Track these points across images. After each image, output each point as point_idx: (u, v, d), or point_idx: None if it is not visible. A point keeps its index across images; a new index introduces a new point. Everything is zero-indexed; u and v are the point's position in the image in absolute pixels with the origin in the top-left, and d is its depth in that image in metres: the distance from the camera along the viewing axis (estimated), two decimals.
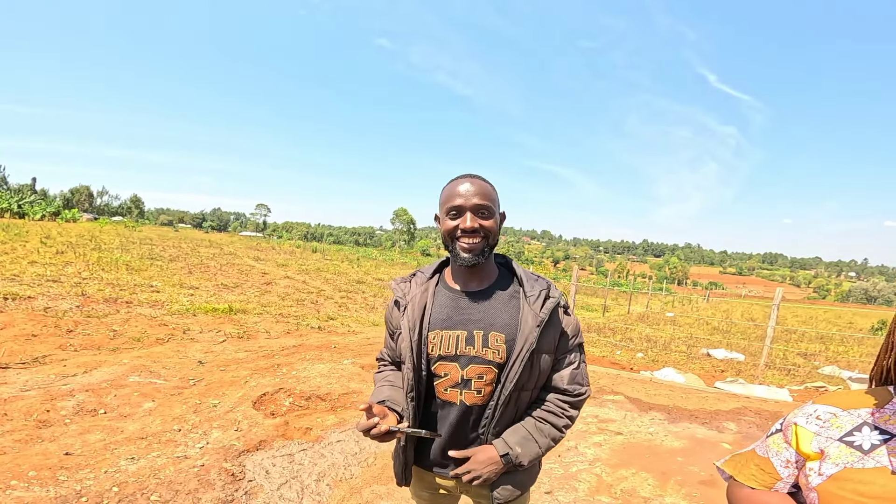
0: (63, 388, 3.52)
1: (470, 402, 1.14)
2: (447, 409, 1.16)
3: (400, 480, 1.25)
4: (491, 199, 1.11)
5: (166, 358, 4.63)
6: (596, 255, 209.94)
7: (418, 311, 1.16)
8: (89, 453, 2.61)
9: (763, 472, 0.89)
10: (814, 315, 26.31)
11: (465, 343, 1.12)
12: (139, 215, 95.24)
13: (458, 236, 1.10)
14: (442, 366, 1.14)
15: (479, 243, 1.10)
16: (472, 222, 1.09)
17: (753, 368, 7.32)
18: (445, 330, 1.14)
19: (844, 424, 0.81)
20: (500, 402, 1.12)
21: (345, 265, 23.61)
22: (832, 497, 0.76)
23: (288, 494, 2.44)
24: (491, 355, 1.11)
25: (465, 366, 1.12)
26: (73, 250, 13.97)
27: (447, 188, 1.15)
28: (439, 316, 1.16)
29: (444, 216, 1.13)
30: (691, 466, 3.23)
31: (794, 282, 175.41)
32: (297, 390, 3.98)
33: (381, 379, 1.29)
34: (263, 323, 7.10)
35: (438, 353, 1.13)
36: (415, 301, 1.17)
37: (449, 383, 1.14)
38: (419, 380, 1.15)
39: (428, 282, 1.22)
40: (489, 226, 1.10)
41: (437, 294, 1.19)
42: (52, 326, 5.35)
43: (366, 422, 1.04)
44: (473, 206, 1.09)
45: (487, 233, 1.10)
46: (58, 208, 44.52)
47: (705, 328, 13.07)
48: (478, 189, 1.10)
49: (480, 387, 1.13)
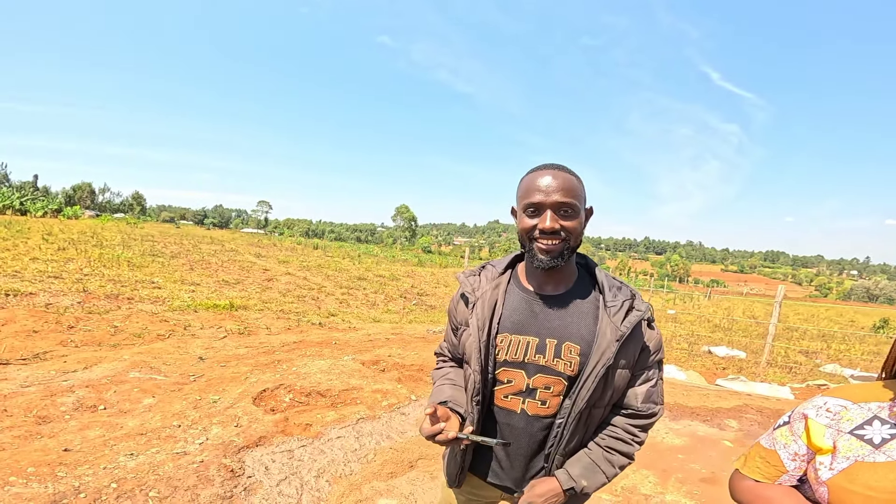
0: (63, 384, 3.52)
1: (532, 413, 1.05)
2: (508, 416, 1.08)
3: (452, 482, 1.17)
4: (576, 196, 1.00)
5: (167, 354, 4.63)
6: (597, 252, 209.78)
7: (488, 310, 1.06)
8: (88, 449, 2.60)
9: (768, 464, 0.88)
10: (815, 313, 26.24)
11: (536, 351, 1.03)
12: (141, 212, 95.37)
13: (535, 236, 1.00)
14: (506, 372, 1.06)
15: (559, 245, 0.99)
16: (553, 222, 0.97)
17: (755, 366, 7.30)
18: (515, 334, 1.05)
19: (855, 418, 0.80)
20: (571, 420, 1.03)
21: (346, 262, 23.62)
22: (843, 492, 0.75)
23: (287, 490, 2.43)
24: (562, 367, 1.02)
25: (532, 374, 1.04)
26: (74, 247, 13.98)
27: (526, 180, 1.03)
28: (510, 318, 1.06)
29: (522, 212, 1.03)
30: (692, 464, 3.22)
31: (795, 280, 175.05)
32: (297, 386, 3.97)
33: (440, 377, 1.20)
34: (264, 319, 7.10)
35: (504, 358, 1.05)
36: (485, 298, 1.08)
37: (511, 390, 1.06)
38: (486, 383, 1.07)
39: (500, 278, 1.11)
40: (571, 227, 0.99)
41: (508, 293, 1.09)
42: (53, 323, 5.35)
43: (430, 427, 0.96)
44: (554, 203, 0.97)
45: (569, 234, 0.99)
46: (60, 205, 44.58)
47: (707, 326, 13.05)
48: (561, 183, 0.98)
49: (546, 398, 1.04)
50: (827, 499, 0.77)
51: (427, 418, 0.97)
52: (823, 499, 0.78)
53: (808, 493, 0.83)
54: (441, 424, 0.97)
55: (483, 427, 1.11)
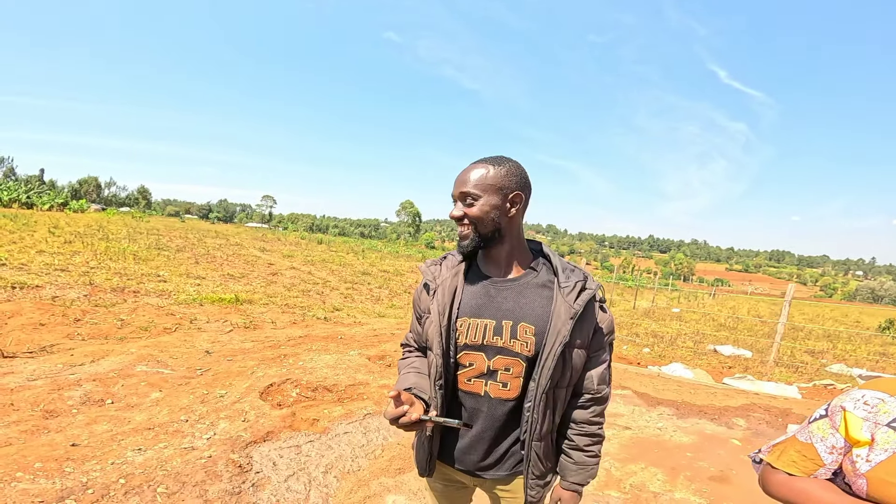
0: (70, 378, 3.52)
1: (494, 395, 1.10)
2: (472, 400, 1.12)
3: (423, 471, 1.22)
4: (480, 185, 1.05)
5: (173, 347, 4.63)
6: (601, 249, 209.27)
7: (448, 296, 1.11)
8: (96, 444, 2.60)
9: (805, 458, 0.88)
10: (821, 313, 26.09)
11: (493, 333, 1.07)
12: (146, 206, 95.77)
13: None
14: (467, 355, 1.10)
15: (468, 230, 1.08)
16: (457, 211, 1.08)
17: (761, 365, 7.25)
18: (474, 318, 1.09)
19: (892, 410, 0.80)
20: (538, 402, 1.07)
21: (350, 257, 23.63)
22: (882, 483, 0.75)
23: (295, 486, 2.42)
24: (519, 347, 1.06)
25: (492, 356, 1.08)
26: (80, 240, 14.03)
27: None
28: (469, 303, 1.11)
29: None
30: (700, 462, 3.19)
31: (800, 280, 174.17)
32: (303, 381, 3.96)
33: (406, 365, 1.24)
34: (269, 313, 7.10)
35: (465, 342, 1.09)
36: (445, 285, 1.13)
37: (473, 373, 1.10)
38: (447, 367, 1.11)
39: (459, 266, 1.16)
40: (472, 213, 1.06)
41: (468, 279, 1.15)
42: (59, 315, 5.37)
43: (394, 410, 0.98)
44: (458, 194, 1.07)
45: (473, 220, 1.07)
46: (66, 199, 44.85)
47: (711, 324, 12.98)
48: (467, 175, 1.07)
49: (507, 379, 1.08)
50: (865, 490, 0.77)
51: (391, 402, 1.00)
52: (862, 490, 0.78)
53: (843, 486, 0.84)
54: (404, 407, 0.99)
55: (449, 412, 1.14)
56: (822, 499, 0.83)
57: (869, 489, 0.77)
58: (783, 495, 0.89)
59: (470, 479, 1.20)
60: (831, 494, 0.83)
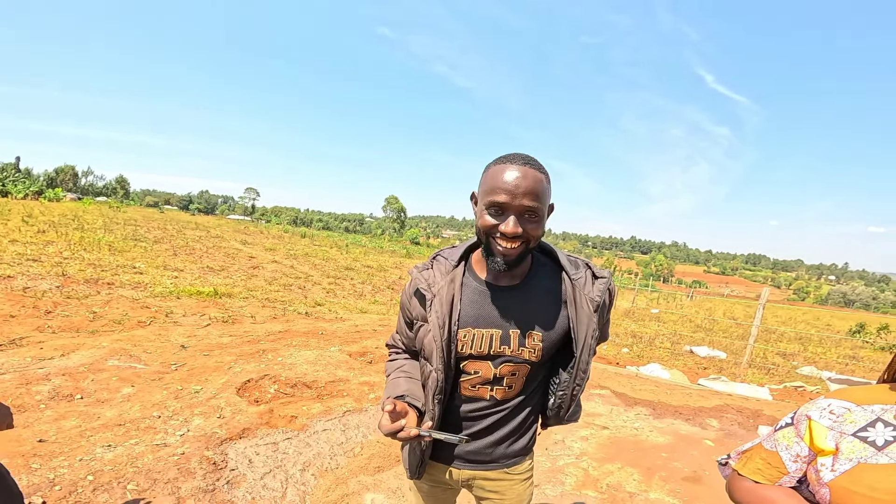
0: (39, 372, 3.41)
1: (501, 397, 1.09)
2: (475, 403, 1.10)
3: (413, 474, 1.19)
4: (543, 198, 0.93)
5: (147, 342, 4.52)
6: (584, 249, 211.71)
7: (446, 307, 1.03)
8: (64, 440, 2.52)
9: (770, 465, 0.88)
10: (793, 316, 26.90)
11: (500, 342, 1.03)
12: (124, 196, 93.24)
13: (496, 236, 0.94)
14: (472, 364, 1.06)
15: (519, 248, 0.94)
16: (516, 227, 0.91)
17: (735, 367, 7.44)
18: (478, 328, 1.03)
19: (858, 420, 0.80)
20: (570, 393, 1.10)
21: (333, 251, 23.41)
22: (845, 493, 0.75)
23: (272, 484, 2.39)
24: (527, 354, 1.04)
25: (499, 365, 1.05)
26: (55, 230, 13.58)
27: (492, 171, 0.95)
28: (470, 312, 1.04)
29: (484, 207, 0.95)
30: (675, 462, 3.25)
31: (775, 283, 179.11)
32: (282, 377, 3.91)
33: (395, 368, 1.18)
34: (249, 307, 6.99)
35: (469, 353, 1.04)
36: (442, 294, 1.04)
37: (479, 381, 1.07)
38: (448, 379, 1.05)
39: (454, 271, 1.07)
40: (533, 231, 0.93)
41: (465, 286, 1.06)
42: (30, 307, 5.19)
43: (391, 424, 0.93)
44: (520, 207, 0.91)
45: (530, 238, 0.94)
46: (41, 187, 43.40)
47: (689, 326, 13.28)
48: (530, 185, 0.90)
49: (512, 382, 1.08)
50: (828, 500, 0.77)
51: (386, 415, 0.94)
52: (825, 500, 0.78)
53: (807, 495, 0.84)
54: (402, 421, 0.95)
55: (446, 417, 1.10)
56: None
57: (832, 499, 0.77)
58: (748, 502, 0.89)
59: (459, 475, 1.19)
60: (794, 501, 0.82)
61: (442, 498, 1.29)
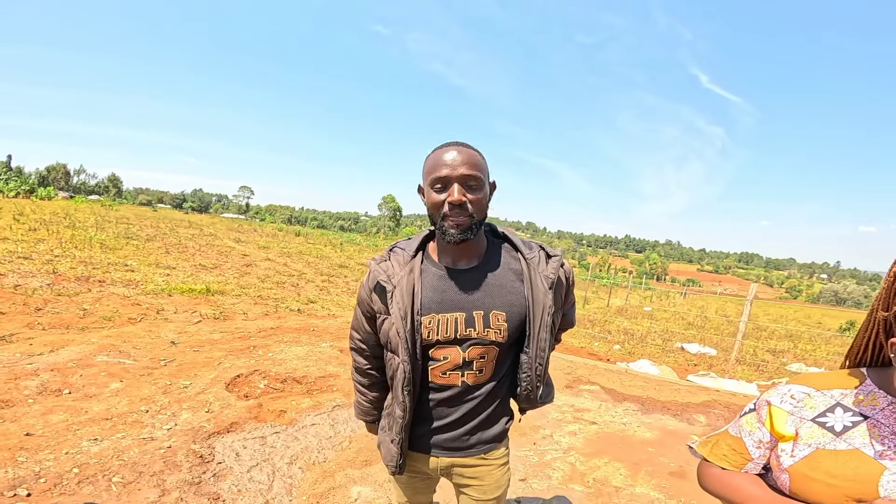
0: (27, 368, 3.40)
1: (472, 382, 1.10)
2: (445, 391, 1.11)
3: (394, 471, 1.18)
4: (480, 169, 1.00)
5: (137, 338, 4.51)
6: (579, 248, 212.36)
7: (408, 297, 1.04)
8: (51, 434, 2.52)
9: (735, 452, 0.88)
10: (784, 314, 27.13)
11: (466, 325, 1.05)
12: (117, 194, 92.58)
13: (446, 212, 1.00)
14: (440, 349, 1.07)
15: (467, 220, 0.99)
16: (460, 195, 0.98)
17: (725, 363, 7.51)
18: (442, 313, 1.05)
19: (818, 405, 0.80)
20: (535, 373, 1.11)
21: (328, 249, 23.35)
22: (803, 478, 0.75)
23: (258, 477, 2.40)
24: (493, 335, 1.06)
25: (467, 348, 1.06)
26: (46, 227, 13.47)
27: (431, 157, 1.03)
28: (432, 298, 1.06)
29: (429, 188, 1.02)
30: (662, 457, 3.28)
31: (767, 281, 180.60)
32: (272, 372, 3.92)
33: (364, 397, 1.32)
34: (241, 304, 6.97)
35: (436, 339, 1.06)
36: (402, 285, 1.05)
37: (448, 367, 1.08)
38: (416, 369, 1.07)
39: (412, 261, 1.09)
40: (477, 199, 1.00)
41: (424, 273, 1.09)
42: (20, 304, 5.16)
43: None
44: (460, 176, 0.98)
45: (475, 207, 1.00)
46: (33, 186, 43.02)
47: (681, 323, 13.38)
48: (466, 157, 0.99)
49: (482, 366, 1.09)
50: (788, 486, 0.77)
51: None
52: (785, 486, 0.78)
53: (772, 482, 0.84)
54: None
55: (418, 404, 1.12)
56: (749, 494, 0.83)
57: (791, 485, 0.77)
58: (715, 489, 0.89)
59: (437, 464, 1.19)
60: (758, 489, 0.82)
61: (420, 487, 1.30)
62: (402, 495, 1.32)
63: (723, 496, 0.87)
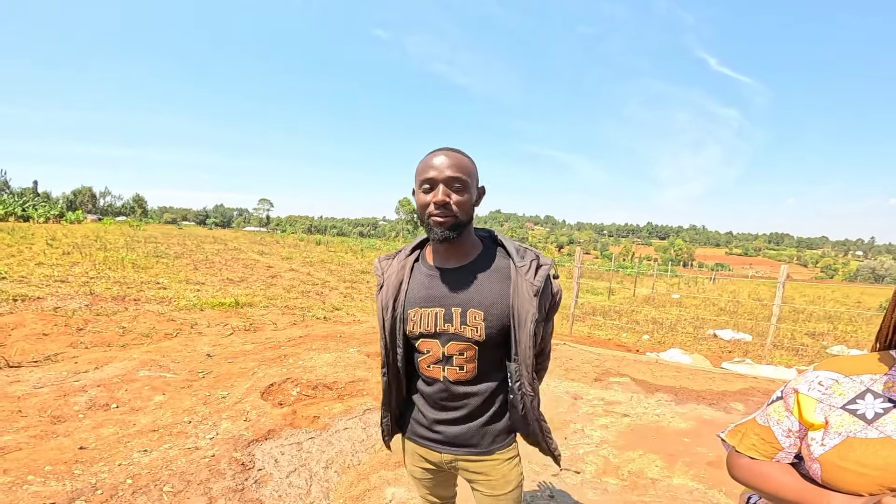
0: (75, 385, 3.58)
1: (453, 378, 1.15)
2: (434, 385, 1.19)
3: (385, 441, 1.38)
4: (466, 172, 1.06)
5: (175, 352, 4.68)
6: (600, 238, 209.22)
7: (392, 290, 1.18)
8: (103, 447, 2.65)
9: (764, 441, 0.86)
10: (822, 294, 26.12)
11: (444, 320, 1.12)
12: (143, 214, 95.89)
13: (431, 212, 1.06)
14: (424, 342, 1.16)
15: (450, 219, 1.05)
16: (444, 195, 1.04)
17: (761, 349, 7.29)
18: (424, 307, 1.14)
19: (847, 392, 0.78)
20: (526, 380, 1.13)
21: (349, 256, 23.67)
22: (834, 468, 0.73)
23: (297, 482, 2.48)
24: (469, 332, 1.10)
25: (446, 343, 1.13)
26: (79, 251, 14.07)
27: (422, 161, 1.10)
28: (418, 293, 1.16)
29: (419, 190, 1.09)
30: (699, 447, 3.22)
31: (800, 261, 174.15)
32: (303, 380, 4.02)
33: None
34: (270, 315, 7.15)
35: (419, 331, 1.14)
36: (390, 279, 1.19)
37: (431, 360, 1.16)
38: (390, 357, 1.21)
39: (406, 259, 1.22)
40: (460, 201, 1.05)
41: (414, 271, 1.20)
42: (62, 325, 5.42)
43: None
44: (446, 178, 1.04)
45: (459, 208, 1.06)
46: (61, 210, 44.97)
47: (712, 309, 13.04)
48: (452, 161, 1.05)
49: (462, 363, 1.14)
50: (820, 475, 0.75)
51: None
52: (817, 475, 0.76)
53: (804, 471, 0.82)
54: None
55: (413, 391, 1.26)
56: (780, 483, 0.81)
57: (823, 474, 0.75)
58: (746, 479, 0.88)
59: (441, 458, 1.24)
60: (790, 479, 0.81)
61: (439, 481, 1.34)
62: (423, 489, 1.36)
63: (754, 486, 0.86)
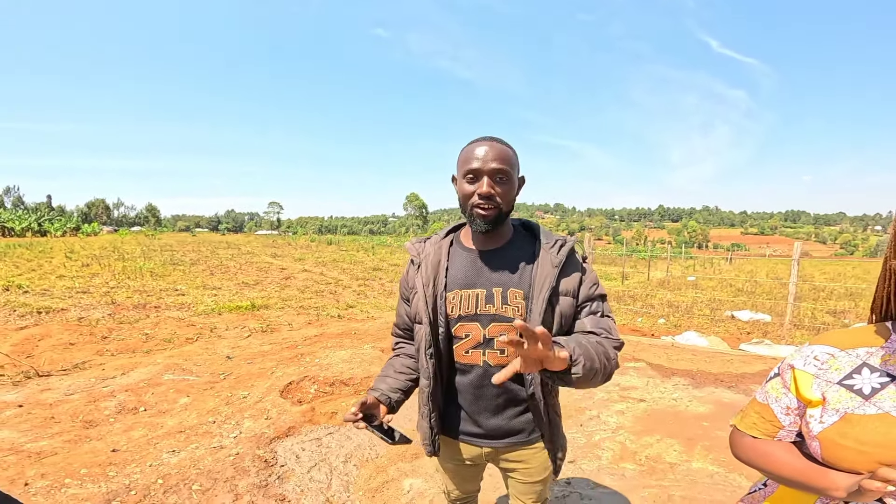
0: (104, 390, 3.71)
1: (494, 363, 1.12)
2: (471, 372, 1.15)
3: (428, 451, 1.24)
4: (510, 164, 1.07)
5: (196, 355, 4.81)
6: (612, 223, 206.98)
7: (433, 269, 1.16)
8: (134, 449, 2.76)
9: (764, 419, 0.84)
10: (842, 271, 25.51)
11: (485, 301, 1.11)
12: (157, 223, 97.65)
13: (475, 202, 1.07)
14: (462, 327, 1.13)
15: (494, 211, 1.07)
16: (489, 188, 1.05)
17: (780, 329, 7.18)
18: (464, 289, 1.13)
19: (843, 366, 0.76)
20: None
21: (360, 254, 23.84)
22: (834, 446, 0.72)
23: (318, 476, 2.55)
24: (511, 312, 1.09)
25: (487, 325, 1.11)
26: (97, 262, 14.41)
27: (465, 150, 1.11)
28: (457, 275, 1.15)
29: (462, 179, 1.10)
30: (718, 431, 3.19)
31: (819, 238, 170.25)
32: (321, 377, 4.10)
33: (387, 365, 1.30)
34: (285, 316, 7.27)
35: (458, 314, 1.12)
36: (429, 259, 1.18)
37: (470, 344, 1.13)
38: (436, 335, 1.14)
39: (442, 241, 1.22)
40: (504, 192, 1.07)
41: (452, 253, 1.19)
42: (87, 334, 5.59)
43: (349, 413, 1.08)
44: (491, 170, 1.05)
45: (503, 199, 1.07)
46: (77, 223, 45.97)
47: (729, 290, 12.85)
48: (497, 153, 1.05)
49: (504, 346, 1.08)
50: (820, 453, 0.74)
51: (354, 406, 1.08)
52: (817, 453, 0.75)
53: (807, 449, 0.80)
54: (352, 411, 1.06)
55: (448, 387, 1.19)
56: (782, 461, 0.79)
57: (823, 452, 0.73)
58: (749, 458, 0.86)
59: (480, 452, 1.22)
60: (790, 457, 0.79)
61: (467, 475, 1.33)
62: (451, 483, 1.35)
63: (757, 465, 0.84)
